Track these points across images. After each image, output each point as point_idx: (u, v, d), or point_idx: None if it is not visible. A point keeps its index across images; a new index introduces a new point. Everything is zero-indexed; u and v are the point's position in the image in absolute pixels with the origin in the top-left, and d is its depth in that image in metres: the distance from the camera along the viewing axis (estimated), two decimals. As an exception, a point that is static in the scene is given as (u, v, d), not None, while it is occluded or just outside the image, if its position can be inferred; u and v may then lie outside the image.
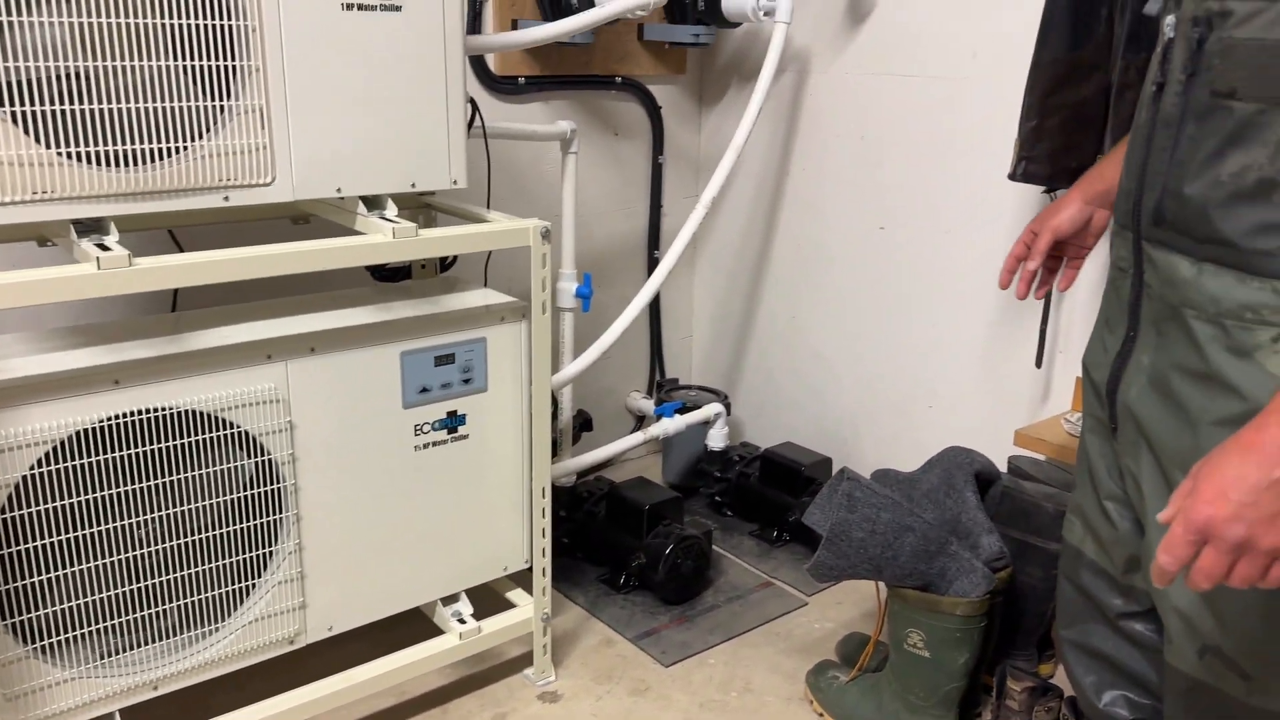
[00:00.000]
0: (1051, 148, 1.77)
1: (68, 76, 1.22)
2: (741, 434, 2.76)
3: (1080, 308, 1.98)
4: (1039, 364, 1.99)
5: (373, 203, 1.53)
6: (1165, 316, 0.99)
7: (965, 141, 2.10)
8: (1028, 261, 1.29)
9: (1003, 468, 1.97)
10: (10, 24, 1.17)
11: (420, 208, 1.83)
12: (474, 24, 2.15)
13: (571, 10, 2.07)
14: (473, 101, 1.78)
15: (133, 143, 1.28)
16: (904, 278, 2.28)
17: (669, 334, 2.78)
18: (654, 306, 2.72)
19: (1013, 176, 1.81)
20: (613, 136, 2.48)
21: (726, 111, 2.59)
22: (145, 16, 1.25)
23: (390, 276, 1.89)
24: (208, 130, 1.33)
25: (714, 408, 2.44)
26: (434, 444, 1.63)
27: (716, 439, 2.45)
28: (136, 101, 1.27)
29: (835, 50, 2.30)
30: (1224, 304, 0.93)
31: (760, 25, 2.20)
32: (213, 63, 1.31)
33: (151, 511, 1.38)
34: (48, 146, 1.22)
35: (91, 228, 1.32)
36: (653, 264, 2.64)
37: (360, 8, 1.41)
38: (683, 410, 2.42)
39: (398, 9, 1.44)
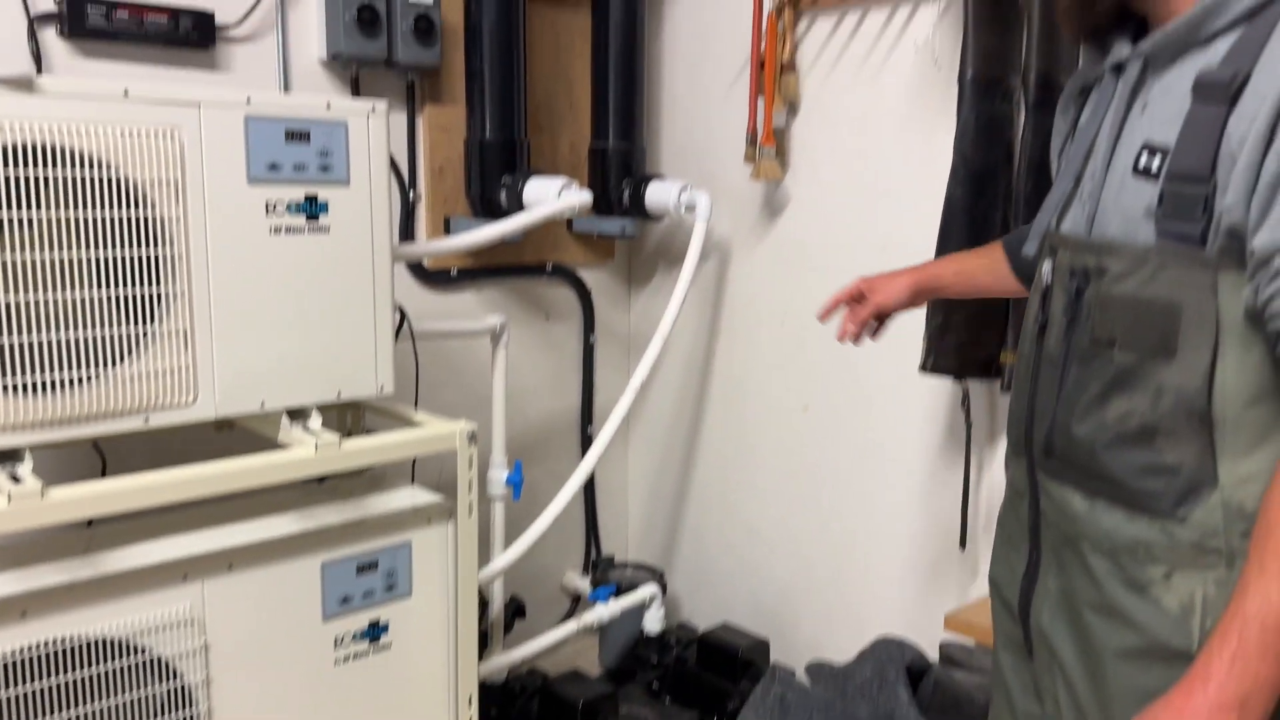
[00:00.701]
0: (958, 341, 1.85)
1: (-12, 311, 1.22)
2: (679, 611, 2.73)
3: (1000, 486, 2.03)
4: (963, 545, 2.03)
5: (297, 413, 1.53)
6: (1063, 544, 1.03)
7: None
8: (848, 321, 1.46)
9: (934, 650, 1.98)
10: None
11: (348, 407, 1.84)
12: (407, 222, 2.22)
13: (501, 210, 2.15)
14: (401, 310, 1.81)
15: (50, 372, 1.27)
16: (828, 458, 2.32)
17: (604, 509, 2.77)
18: (589, 482, 2.72)
19: (923, 369, 1.88)
20: (544, 320, 2.54)
21: (655, 293, 2.67)
22: (70, 251, 1.27)
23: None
24: (128, 354, 1.34)
25: (649, 589, 2.42)
26: (355, 655, 1.59)
27: (652, 622, 2.41)
28: (55, 332, 1.27)
29: (755, 240, 2.41)
30: (1117, 539, 0.96)
31: (683, 220, 2.30)
32: (136, 290, 1.33)
33: (51, 749, 1.32)
34: (-37, 380, 1.22)
35: (6, 455, 1.30)
36: (586, 440, 2.67)
37: (288, 230, 1.45)
38: (618, 592, 2.40)
39: (326, 230, 1.49)
